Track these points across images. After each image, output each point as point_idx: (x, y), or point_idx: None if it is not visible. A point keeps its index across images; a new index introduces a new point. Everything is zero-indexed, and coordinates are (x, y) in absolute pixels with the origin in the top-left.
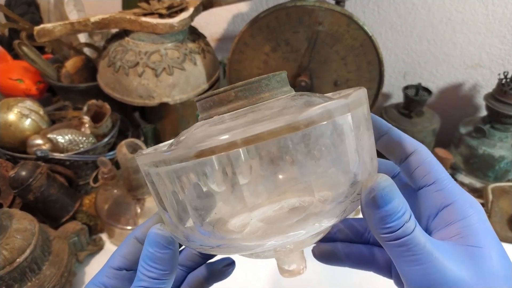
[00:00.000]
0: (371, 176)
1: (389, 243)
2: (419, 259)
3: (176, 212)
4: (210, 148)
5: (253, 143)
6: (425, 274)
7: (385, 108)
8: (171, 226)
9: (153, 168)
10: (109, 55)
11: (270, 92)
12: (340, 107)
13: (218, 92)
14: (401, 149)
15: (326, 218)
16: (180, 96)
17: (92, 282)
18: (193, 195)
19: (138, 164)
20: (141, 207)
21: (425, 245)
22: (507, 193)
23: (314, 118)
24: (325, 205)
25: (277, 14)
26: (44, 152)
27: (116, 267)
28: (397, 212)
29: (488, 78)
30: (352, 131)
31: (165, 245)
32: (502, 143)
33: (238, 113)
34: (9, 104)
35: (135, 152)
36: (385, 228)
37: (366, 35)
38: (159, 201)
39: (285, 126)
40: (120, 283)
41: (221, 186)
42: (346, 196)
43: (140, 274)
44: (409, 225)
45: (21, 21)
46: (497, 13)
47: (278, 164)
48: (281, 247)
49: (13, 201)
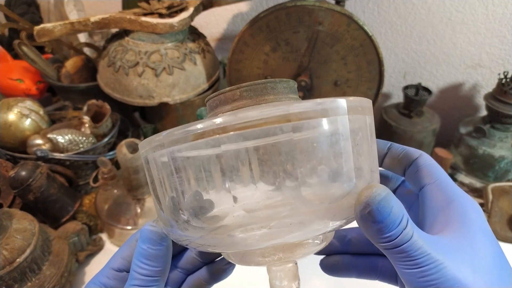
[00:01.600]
0: (365, 189)
1: (388, 251)
2: (418, 262)
3: (170, 204)
4: (204, 131)
5: (245, 129)
6: (424, 276)
7: (385, 108)
8: (164, 219)
9: (151, 154)
10: (109, 55)
11: (275, 95)
12: (336, 107)
13: (224, 91)
14: (406, 157)
15: (314, 221)
16: (180, 96)
17: (93, 281)
18: (187, 185)
19: (140, 153)
20: (141, 207)
21: (424, 248)
22: (507, 193)
23: (308, 112)
24: (313, 207)
25: (277, 14)
26: (44, 152)
27: (117, 269)
28: (394, 222)
29: (488, 78)
30: (348, 134)
31: (158, 241)
32: (502, 143)
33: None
34: (9, 104)
35: (135, 152)
36: (383, 238)
37: (366, 35)
38: (153, 190)
39: (277, 116)
40: (120, 284)
41: (214, 174)
42: (337, 199)
43: (133, 273)
44: (407, 232)
45: (21, 21)
46: (497, 13)
47: (268, 157)
48: (269, 252)
49: (13, 201)
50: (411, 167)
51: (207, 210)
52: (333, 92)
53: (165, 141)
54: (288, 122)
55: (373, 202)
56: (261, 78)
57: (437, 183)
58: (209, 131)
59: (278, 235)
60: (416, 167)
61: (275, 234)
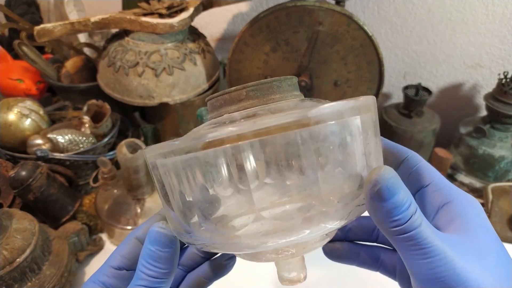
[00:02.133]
0: (374, 170)
1: (397, 238)
2: (428, 252)
3: (180, 207)
4: (218, 139)
5: (262, 136)
6: (434, 267)
7: (385, 108)
8: (175, 222)
9: (160, 159)
10: (109, 55)
11: (281, 94)
12: (350, 108)
13: (229, 91)
14: (394, 157)
15: (331, 219)
16: (180, 96)
17: (91, 280)
18: (199, 189)
19: (145, 157)
20: (141, 207)
21: (433, 238)
22: (507, 193)
23: (324, 116)
24: (330, 206)
25: (277, 14)
26: (44, 152)
27: (116, 267)
28: (403, 204)
29: (488, 78)
30: (360, 134)
31: (167, 244)
32: (502, 143)
33: (248, 112)
34: (9, 104)
35: (135, 152)
36: (392, 222)
37: (366, 35)
38: (163, 195)
39: (295, 121)
40: (120, 282)
41: (227, 182)
42: (352, 198)
43: (139, 273)
44: (416, 218)
45: (21, 21)
46: (497, 13)
47: (286, 162)
48: (283, 249)
49: (13, 201)
50: (401, 168)
51: (227, 219)
52: (333, 92)
53: (179, 148)
54: (304, 127)
55: (382, 180)
56: (261, 78)
57: (433, 184)
58: (227, 138)
59: (294, 234)
60: (407, 169)
61: (291, 233)
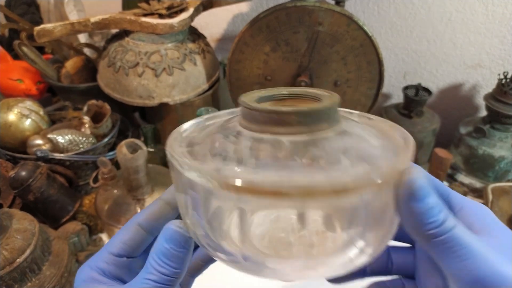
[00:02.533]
0: (403, 171)
1: (434, 241)
2: (466, 253)
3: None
4: (247, 187)
5: (302, 197)
6: (475, 269)
7: (385, 108)
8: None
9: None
10: (109, 55)
11: (328, 122)
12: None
13: (279, 111)
14: None
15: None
16: (180, 96)
17: (88, 265)
18: (206, 218)
19: (166, 144)
20: (141, 207)
21: (470, 239)
22: (507, 193)
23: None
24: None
25: (277, 14)
26: (44, 152)
27: (116, 254)
28: (438, 205)
29: (488, 78)
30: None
31: (182, 244)
32: (502, 143)
33: (297, 145)
34: (9, 104)
35: (135, 152)
36: (429, 224)
37: (366, 35)
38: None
39: (333, 190)
40: (119, 270)
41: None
42: None
43: (150, 267)
44: (451, 219)
45: (21, 21)
46: (497, 13)
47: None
48: None
49: (13, 201)
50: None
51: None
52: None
53: (191, 167)
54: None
55: (416, 180)
56: (261, 78)
57: (440, 194)
58: (254, 188)
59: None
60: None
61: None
